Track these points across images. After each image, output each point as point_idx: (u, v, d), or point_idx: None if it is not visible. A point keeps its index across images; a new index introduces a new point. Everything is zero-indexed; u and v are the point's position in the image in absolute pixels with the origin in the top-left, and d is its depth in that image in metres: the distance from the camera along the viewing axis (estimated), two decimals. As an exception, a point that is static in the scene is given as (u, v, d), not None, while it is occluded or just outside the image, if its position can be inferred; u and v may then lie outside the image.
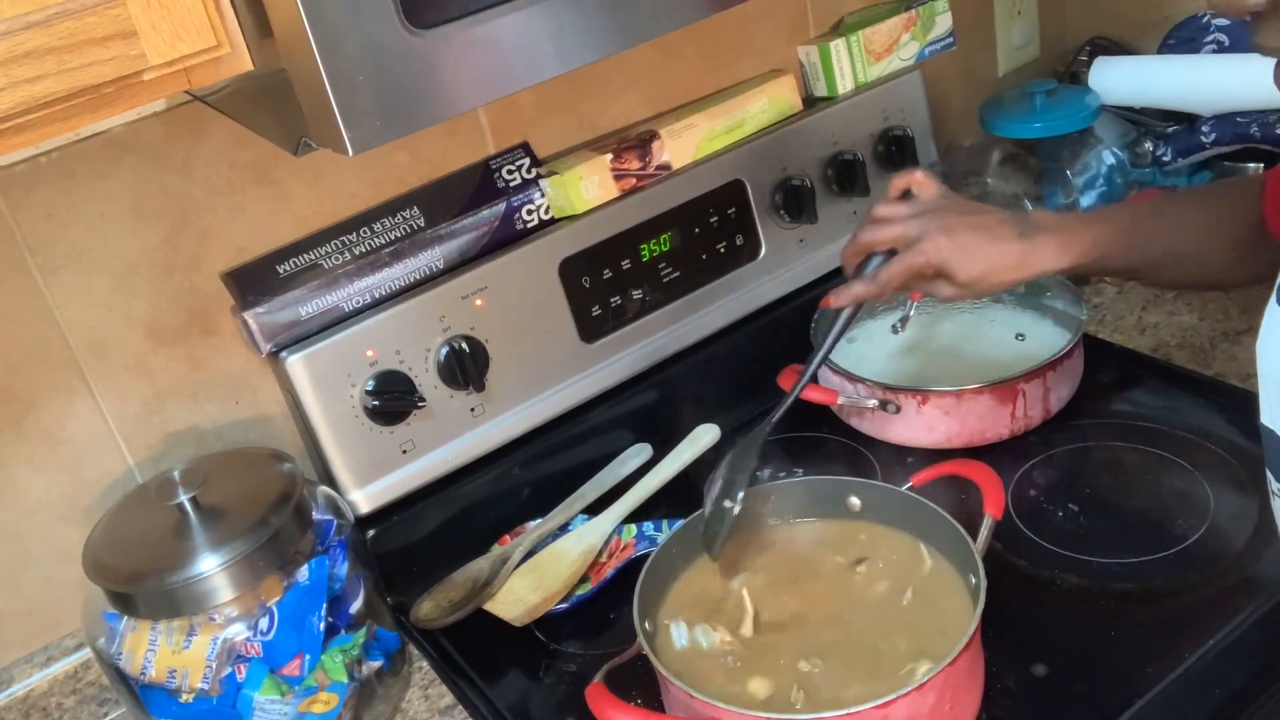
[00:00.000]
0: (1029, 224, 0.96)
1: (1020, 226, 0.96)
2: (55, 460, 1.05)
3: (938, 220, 0.96)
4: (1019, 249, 0.95)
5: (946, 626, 0.89)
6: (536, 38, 0.75)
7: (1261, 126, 1.33)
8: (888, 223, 0.98)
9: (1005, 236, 0.95)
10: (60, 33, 0.64)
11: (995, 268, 0.95)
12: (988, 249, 0.95)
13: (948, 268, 0.95)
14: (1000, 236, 0.95)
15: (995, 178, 1.52)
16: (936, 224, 0.96)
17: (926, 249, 0.95)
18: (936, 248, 0.95)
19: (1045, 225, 0.96)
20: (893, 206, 0.99)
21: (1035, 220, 0.97)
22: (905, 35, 1.38)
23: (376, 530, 1.14)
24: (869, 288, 0.97)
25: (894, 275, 0.97)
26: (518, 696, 1.02)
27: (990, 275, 0.95)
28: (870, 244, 0.99)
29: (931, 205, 0.98)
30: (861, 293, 0.98)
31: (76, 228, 1.01)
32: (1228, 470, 1.09)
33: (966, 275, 0.95)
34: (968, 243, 0.95)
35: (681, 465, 1.21)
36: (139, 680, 0.94)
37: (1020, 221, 0.97)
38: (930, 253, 0.95)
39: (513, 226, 1.18)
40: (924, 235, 0.95)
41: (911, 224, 0.97)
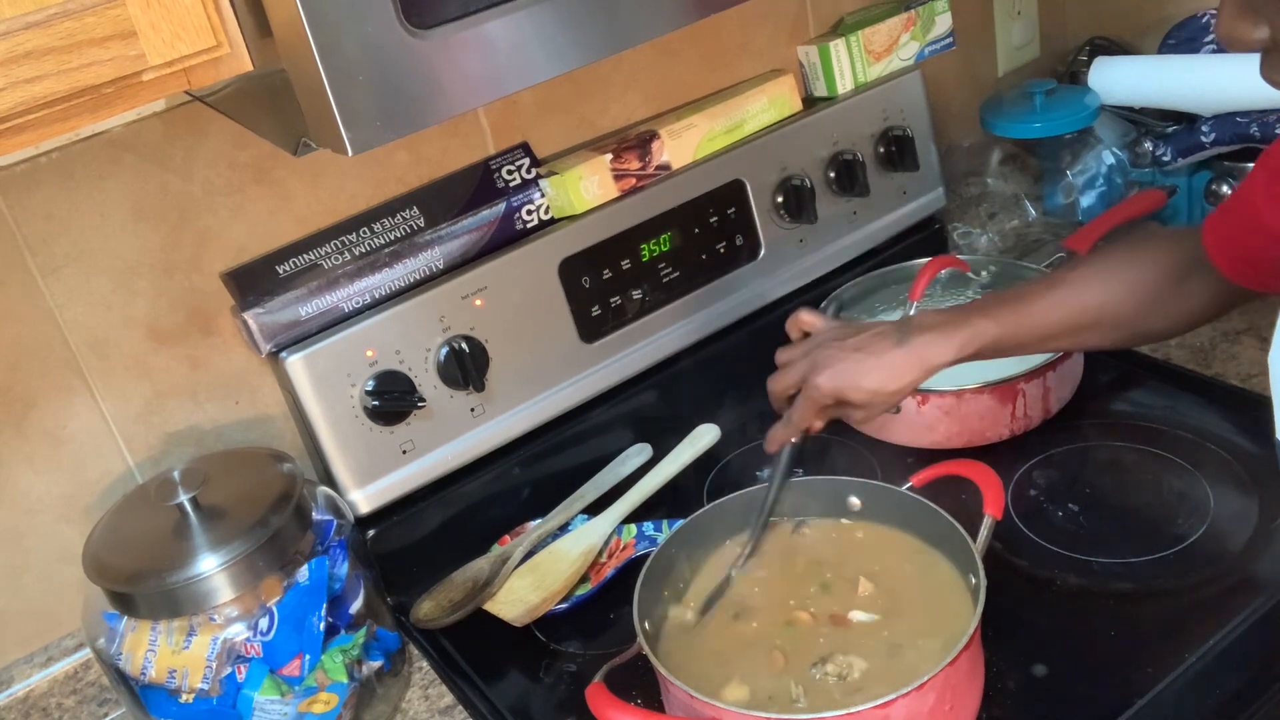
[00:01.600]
0: (906, 329, 1.00)
1: (898, 335, 1.00)
2: (55, 460, 1.05)
3: (820, 354, 1.01)
4: (900, 356, 0.98)
5: (946, 626, 0.89)
6: (536, 38, 0.75)
7: (1261, 126, 1.33)
8: (786, 367, 1.04)
9: (883, 349, 0.99)
10: (60, 33, 0.64)
11: (885, 380, 0.98)
12: (871, 366, 0.99)
13: (842, 395, 0.99)
14: (879, 350, 0.99)
15: (995, 178, 1.52)
16: (822, 357, 1.00)
17: (818, 384, 0.99)
18: (826, 380, 0.99)
19: (922, 326, 1.00)
20: (788, 351, 1.05)
21: (914, 324, 1.01)
22: (905, 35, 1.38)
23: (376, 530, 1.14)
24: (789, 430, 1.03)
25: (803, 414, 1.02)
26: (518, 696, 1.02)
27: (884, 388, 0.99)
28: (780, 390, 1.04)
29: (817, 340, 1.03)
30: (785, 435, 1.03)
31: (76, 228, 1.01)
32: (1228, 470, 1.09)
33: (861, 396, 0.99)
34: (849, 368, 0.99)
35: (681, 465, 1.21)
36: (139, 680, 0.95)
37: (898, 330, 1.00)
38: (822, 386, 0.99)
39: (513, 226, 1.18)
40: (813, 370, 1.00)
41: (802, 364, 1.02)
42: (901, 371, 0.99)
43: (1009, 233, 1.50)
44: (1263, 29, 0.68)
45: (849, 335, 1.02)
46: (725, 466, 1.23)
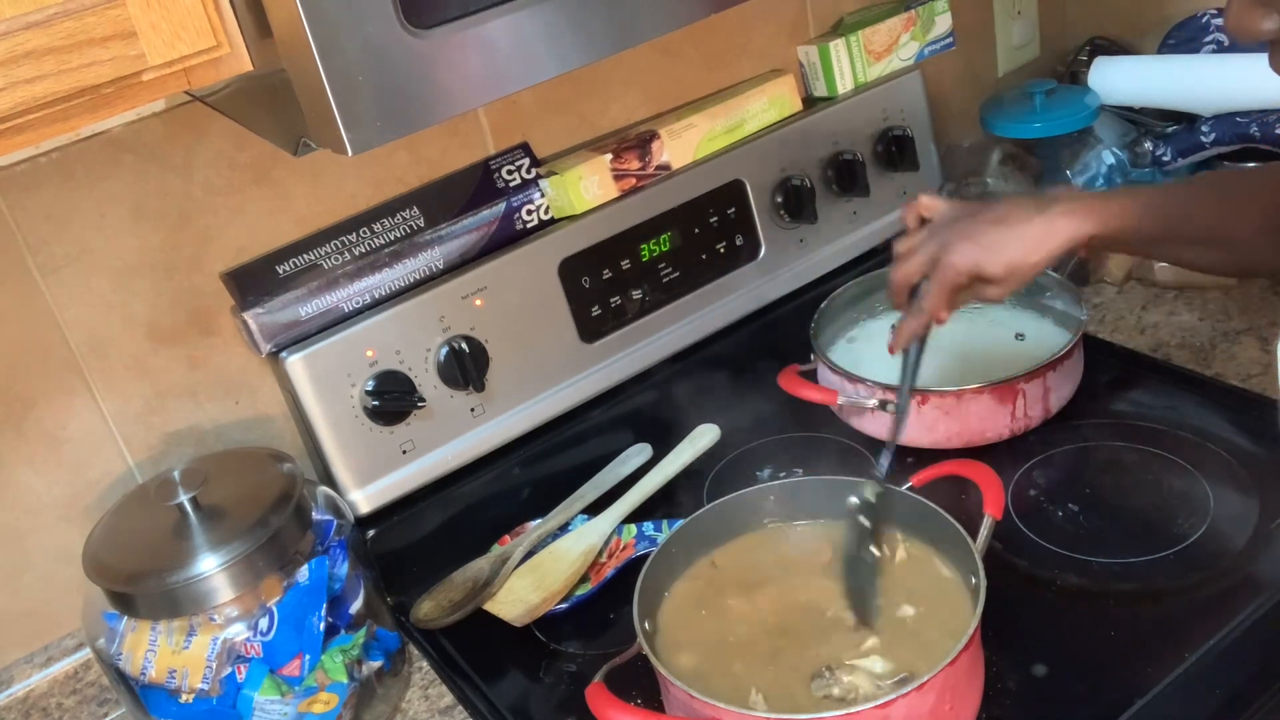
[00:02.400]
0: (1046, 200, 0.97)
1: (1037, 204, 0.96)
2: (55, 460, 1.05)
3: (953, 230, 0.97)
4: (1039, 224, 0.95)
5: (946, 626, 0.89)
6: (536, 38, 0.75)
7: (1261, 126, 1.33)
8: (910, 254, 1.00)
9: (1022, 219, 0.95)
10: (60, 33, 0.64)
11: (1023, 251, 0.95)
12: (1010, 236, 0.95)
13: (979, 269, 0.95)
14: (1017, 221, 0.95)
15: (995, 178, 1.52)
16: (953, 234, 0.96)
17: (951, 261, 0.95)
18: (961, 256, 0.95)
19: (1063, 198, 0.96)
20: (909, 238, 1.01)
21: (1053, 196, 0.97)
22: (905, 35, 1.38)
23: (376, 530, 1.14)
24: (919, 320, 0.98)
25: (935, 299, 0.97)
26: (518, 696, 1.02)
27: (1023, 260, 0.95)
28: (904, 279, 1.00)
29: (944, 220, 0.99)
30: (915, 327, 0.99)
31: (76, 228, 1.01)
32: (1228, 470, 1.09)
33: (999, 269, 0.95)
34: (987, 239, 0.95)
35: (681, 465, 1.21)
36: (139, 680, 0.94)
37: (1037, 200, 0.97)
38: (956, 263, 0.95)
39: (512, 226, 1.18)
40: (944, 249, 0.96)
41: (930, 245, 0.98)
42: (1042, 240, 0.94)
43: (1009, 233, 1.50)
44: (1273, 19, 0.68)
45: (980, 210, 0.98)
46: (725, 466, 1.23)
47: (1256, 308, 1.30)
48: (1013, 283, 0.97)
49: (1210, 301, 1.33)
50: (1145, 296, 1.37)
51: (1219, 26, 1.42)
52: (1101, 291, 1.40)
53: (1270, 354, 1.23)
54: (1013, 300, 1.31)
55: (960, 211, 0.99)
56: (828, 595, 0.96)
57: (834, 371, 1.21)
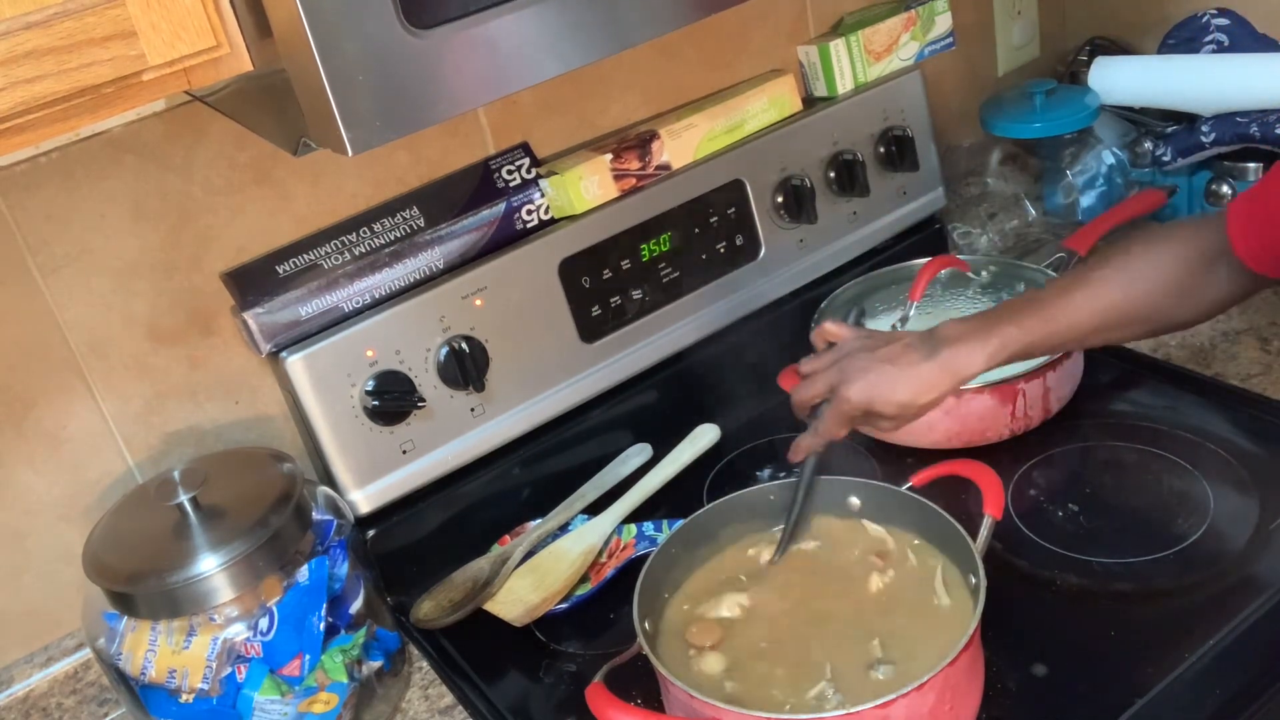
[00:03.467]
0: (934, 341, 1.00)
1: (927, 347, 0.99)
2: (55, 460, 1.05)
3: (851, 364, 1.00)
4: (930, 369, 0.98)
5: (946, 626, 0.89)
6: (536, 38, 0.75)
7: (1261, 126, 1.33)
8: (811, 378, 1.03)
9: (913, 361, 0.99)
10: (60, 33, 0.64)
11: (913, 393, 0.98)
12: (901, 378, 0.98)
13: (872, 406, 0.99)
14: (909, 362, 0.99)
15: (995, 178, 1.52)
16: (851, 368, 1.00)
17: (847, 395, 0.99)
18: (856, 391, 0.99)
19: (950, 337, 0.99)
20: (814, 361, 1.05)
21: (940, 335, 1.00)
22: (905, 35, 1.38)
23: (376, 530, 1.14)
24: (815, 440, 1.01)
25: (831, 425, 1.01)
26: (518, 696, 1.02)
27: (913, 401, 0.99)
28: (803, 402, 1.03)
29: (845, 350, 1.03)
30: (811, 445, 1.01)
31: (76, 228, 1.01)
32: (1228, 470, 1.09)
33: (891, 409, 0.99)
34: (880, 379, 0.98)
35: (681, 465, 1.21)
36: (139, 680, 0.95)
37: (926, 341, 1.00)
38: (852, 398, 0.99)
39: (513, 226, 1.18)
40: (841, 382, 1.00)
41: (831, 374, 1.01)
42: (932, 384, 0.98)
43: (1009, 233, 1.50)
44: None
45: (878, 345, 1.01)
46: (725, 466, 1.23)
47: (1256, 308, 1.30)
48: (904, 420, 1.01)
49: (1210, 301, 1.33)
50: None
51: (1219, 26, 1.42)
52: (1101, 291, 1.40)
53: (1270, 354, 1.23)
54: (1013, 300, 1.31)
55: (861, 344, 1.02)
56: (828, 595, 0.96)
57: (834, 371, 1.21)
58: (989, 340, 0.98)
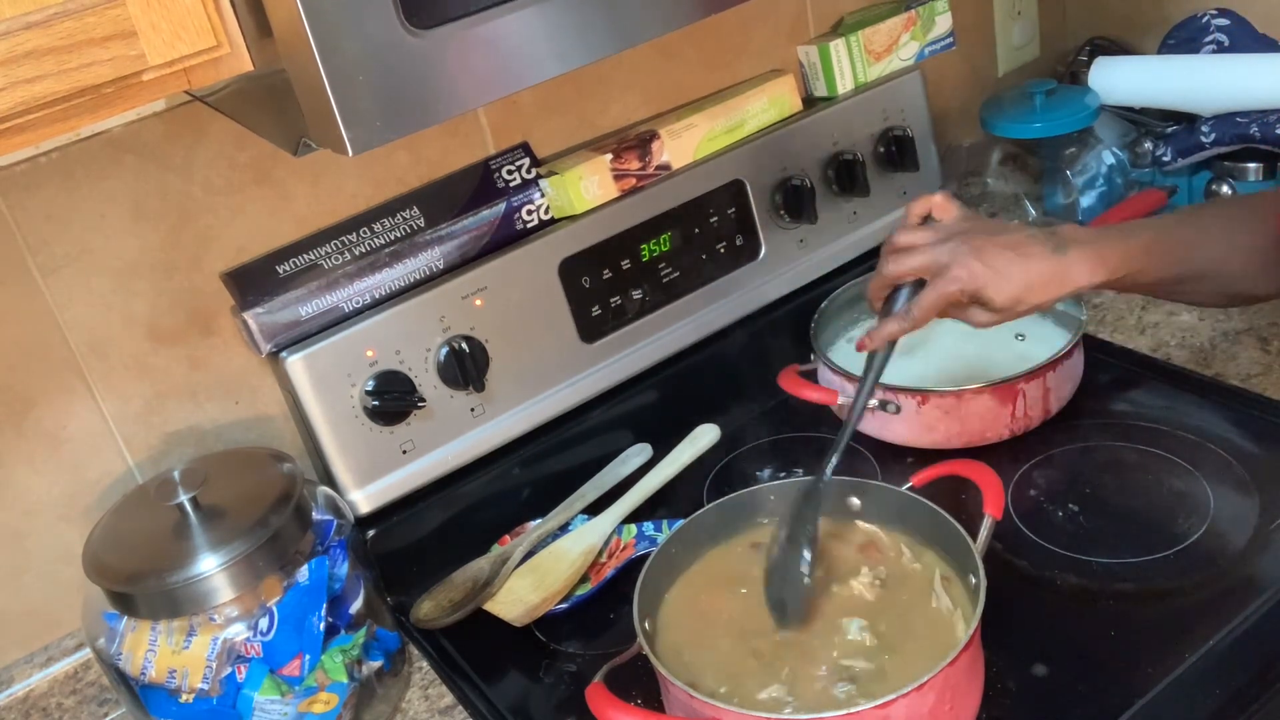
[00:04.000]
0: (1060, 239, 0.93)
1: (1052, 242, 0.92)
2: (55, 460, 1.05)
3: (966, 243, 0.91)
4: (1053, 266, 0.91)
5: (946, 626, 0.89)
6: (536, 38, 0.75)
7: (1261, 126, 1.33)
8: (912, 251, 0.93)
9: (1037, 254, 0.91)
10: (60, 33, 0.64)
11: (1031, 287, 0.91)
12: (1021, 268, 0.91)
13: (983, 292, 0.91)
14: (1032, 254, 0.91)
15: (995, 178, 1.52)
16: (965, 247, 0.91)
17: (959, 275, 0.90)
18: (970, 273, 0.90)
19: (1077, 239, 0.92)
20: (914, 234, 0.94)
21: (1066, 235, 0.93)
22: (905, 35, 1.38)
23: (376, 530, 1.14)
24: (903, 324, 0.92)
25: (929, 306, 0.92)
26: (518, 696, 1.02)
27: (1027, 295, 0.91)
28: (898, 276, 0.93)
29: (955, 229, 0.93)
30: (896, 330, 0.93)
31: (76, 228, 1.01)
32: (1228, 470, 1.09)
33: (1004, 298, 0.91)
34: (1000, 264, 0.90)
35: (681, 465, 1.21)
36: (139, 680, 0.94)
37: (1050, 237, 0.93)
38: (964, 279, 0.90)
39: (513, 226, 1.18)
40: (954, 261, 0.91)
41: (939, 250, 0.91)
42: (1049, 281, 0.91)
43: (1009, 233, 1.50)
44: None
45: (996, 231, 0.92)
46: (725, 466, 1.23)
47: (1257, 308, 1.30)
48: (1009, 315, 0.93)
49: (1210, 301, 1.33)
50: (1145, 297, 1.37)
51: (1219, 26, 1.42)
52: (1102, 291, 1.40)
53: (1270, 354, 1.23)
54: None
55: (974, 225, 0.94)
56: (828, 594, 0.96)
57: (834, 371, 1.21)
58: (1113, 254, 0.92)
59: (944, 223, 0.95)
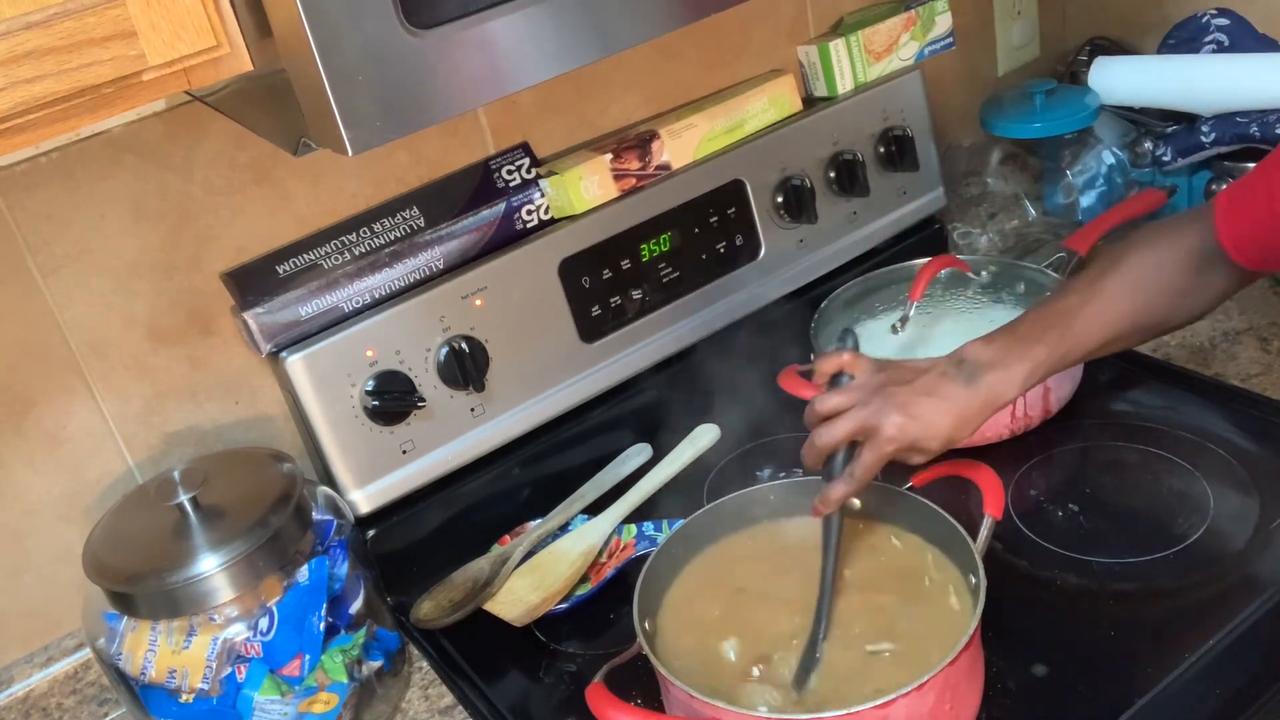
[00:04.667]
0: (970, 368, 0.95)
1: (964, 375, 0.94)
2: (55, 460, 1.05)
3: (888, 401, 0.93)
4: (970, 397, 0.93)
5: (947, 626, 0.89)
6: (536, 38, 0.75)
7: (1261, 126, 1.33)
8: (839, 420, 0.94)
9: (953, 394, 0.94)
10: (60, 33, 0.64)
11: (958, 424, 0.93)
12: (943, 411, 0.93)
13: (918, 444, 0.93)
14: (949, 394, 0.94)
15: (995, 178, 1.52)
16: (889, 406, 0.92)
17: (891, 435, 0.92)
18: (899, 429, 0.92)
19: (986, 363, 0.95)
20: (834, 398, 0.95)
21: (974, 361, 0.95)
22: (905, 35, 1.38)
23: (376, 530, 1.14)
24: (850, 486, 0.94)
25: (870, 466, 0.94)
26: (518, 696, 1.02)
27: (957, 433, 0.93)
28: (831, 445, 0.95)
29: (872, 384, 0.95)
30: (845, 492, 0.94)
31: (76, 228, 1.01)
32: (1228, 470, 1.09)
33: (937, 443, 0.93)
34: (923, 413, 0.92)
35: (681, 465, 1.21)
36: (139, 680, 0.95)
37: (960, 369, 0.95)
38: (896, 438, 0.92)
39: (513, 226, 1.18)
40: (881, 421, 0.92)
41: (863, 413, 0.93)
42: (975, 413, 0.94)
43: (1009, 233, 1.51)
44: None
45: (910, 379, 0.95)
46: (725, 466, 1.23)
47: (1256, 308, 1.30)
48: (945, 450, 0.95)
49: (1210, 301, 1.33)
50: (1145, 296, 1.37)
51: (1219, 27, 1.42)
52: (1101, 291, 1.40)
53: (1270, 354, 1.23)
54: (1013, 300, 1.32)
55: (888, 376, 0.96)
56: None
57: (834, 371, 1.21)
58: (1022, 364, 0.94)
59: (858, 380, 0.96)
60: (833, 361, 0.97)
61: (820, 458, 0.96)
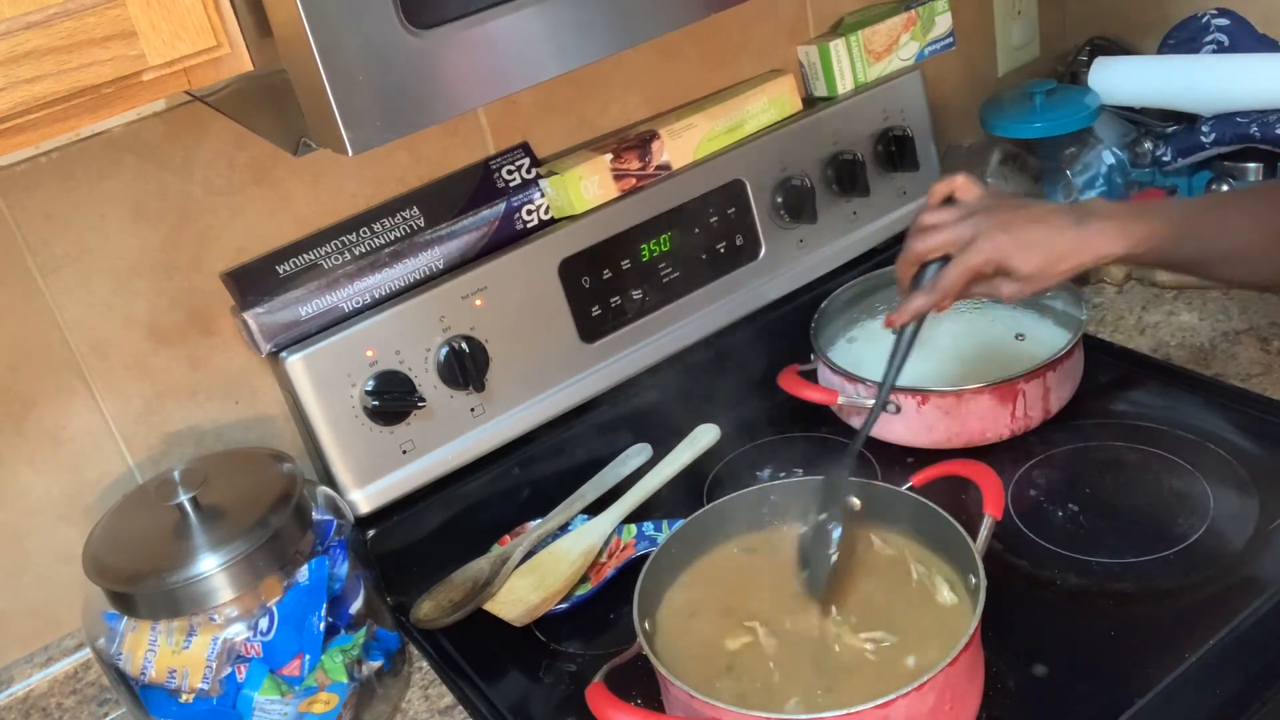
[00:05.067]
0: (1084, 211, 0.95)
1: (1075, 214, 0.94)
2: (55, 460, 1.05)
3: (991, 218, 0.94)
4: (1076, 236, 0.93)
5: (947, 626, 0.89)
6: (536, 38, 0.75)
7: (1261, 126, 1.33)
8: (937, 229, 0.95)
9: (1061, 225, 0.93)
10: (60, 33, 0.64)
11: (1055, 256, 0.93)
12: (1044, 238, 0.93)
13: (1009, 263, 0.93)
14: (1056, 226, 0.93)
15: (995, 178, 1.52)
16: (990, 221, 0.93)
17: (984, 247, 0.92)
18: (994, 244, 0.92)
19: (1100, 212, 0.95)
20: (939, 213, 0.97)
21: (1090, 207, 0.96)
22: (905, 35, 1.38)
23: (376, 530, 1.14)
24: (930, 298, 0.94)
25: (955, 279, 0.94)
26: (518, 696, 1.02)
27: (1051, 265, 0.93)
28: (924, 252, 0.95)
29: (978, 206, 0.96)
30: (924, 304, 0.94)
31: (76, 228, 1.01)
32: (1228, 470, 1.09)
33: (1029, 268, 0.93)
34: (1024, 235, 0.92)
35: (681, 465, 1.21)
36: (139, 680, 0.95)
37: (1075, 210, 0.95)
38: (989, 250, 0.92)
39: (513, 226, 1.18)
40: (978, 234, 0.93)
41: (963, 225, 0.94)
42: (1074, 251, 0.93)
43: (1009, 233, 1.50)
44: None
45: (1019, 206, 0.95)
46: (725, 466, 1.23)
47: (1256, 308, 1.30)
48: (1034, 285, 0.95)
49: (1210, 301, 1.33)
50: (1145, 297, 1.37)
51: (1219, 27, 1.42)
52: (1101, 291, 1.40)
53: (1270, 354, 1.23)
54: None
55: (998, 201, 0.96)
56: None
57: (834, 371, 1.21)
58: (1138, 226, 0.93)
59: (967, 201, 0.97)
60: (946, 184, 0.99)
61: (911, 266, 0.97)
